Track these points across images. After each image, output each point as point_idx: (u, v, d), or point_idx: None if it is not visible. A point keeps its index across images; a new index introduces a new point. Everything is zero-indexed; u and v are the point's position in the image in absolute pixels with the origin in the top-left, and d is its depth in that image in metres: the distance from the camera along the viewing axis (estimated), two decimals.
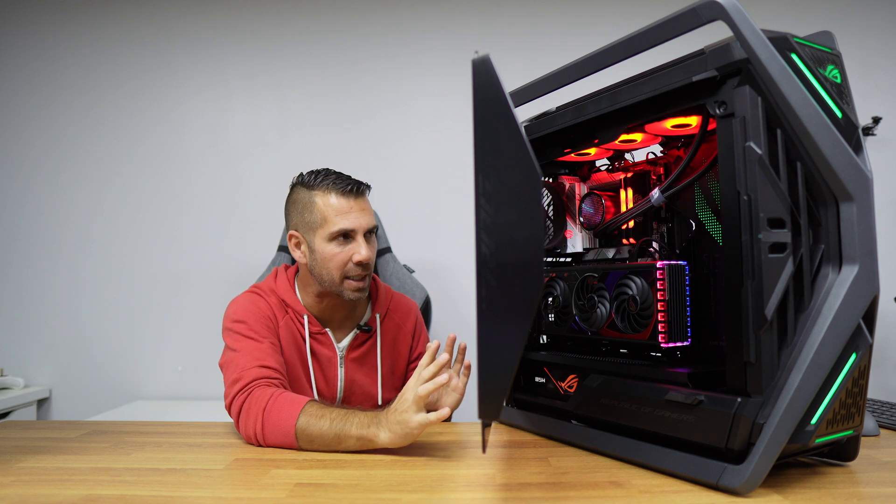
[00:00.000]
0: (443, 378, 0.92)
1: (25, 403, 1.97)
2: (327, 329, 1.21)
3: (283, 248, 1.64)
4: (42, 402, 2.08)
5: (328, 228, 1.12)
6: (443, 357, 0.94)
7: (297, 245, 1.19)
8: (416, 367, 1.25)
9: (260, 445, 0.97)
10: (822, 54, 0.73)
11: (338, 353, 1.21)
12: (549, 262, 1.11)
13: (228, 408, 1.02)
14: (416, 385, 0.93)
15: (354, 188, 1.14)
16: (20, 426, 1.15)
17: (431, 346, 0.98)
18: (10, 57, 2.17)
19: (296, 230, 1.18)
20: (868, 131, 1.94)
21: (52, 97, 2.16)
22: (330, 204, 1.12)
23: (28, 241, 2.14)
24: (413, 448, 0.94)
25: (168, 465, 0.86)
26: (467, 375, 1.10)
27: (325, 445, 0.92)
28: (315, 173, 1.17)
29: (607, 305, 0.93)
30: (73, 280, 2.12)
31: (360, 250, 1.12)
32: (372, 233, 1.17)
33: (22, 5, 2.18)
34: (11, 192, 2.15)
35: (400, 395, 0.94)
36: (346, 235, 1.13)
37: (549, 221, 1.13)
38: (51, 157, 2.15)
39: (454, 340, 1.06)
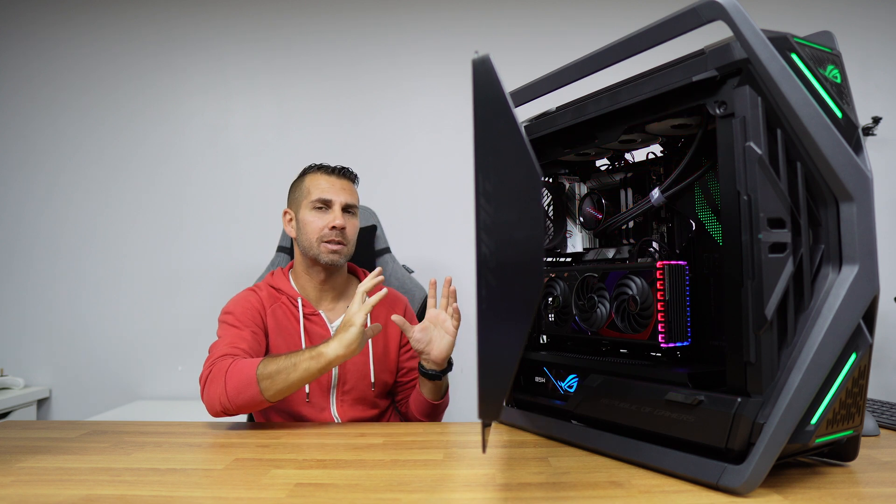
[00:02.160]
0: (379, 278, 1.11)
1: (25, 403, 1.98)
2: (320, 311, 1.31)
3: (282, 249, 1.65)
4: (42, 402, 2.08)
5: (310, 198, 1.30)
6: (376, 270, 1.13)
7: (289, 220, 1.36)
8: (406, 350, 1.37)
9: (225, 411, 1.05)
10: (822, 54, 0.73)
11: (331, 332, 1.30)
12: (549, 262, 1.11)
13: (199, 382, 1.11)
14: (357, 296, 1.08)
15: (337, 170, 1.33)
16: (20, 426, 1.15)
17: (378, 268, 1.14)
18: (11, 57, 2.18)
19: (289, 207, 1.37)
20: (868, 131, 1.94)
21: (52, 97, 2.17)
22: (314, 180, 1.31)
23: (28, 241, 2.14)
24: (413, 448, 0.94)
25: (168, 465, 0.86)
26: (457, 319, 1.18)
27: (284, 377, 1.03)
28: (311, 164, 1.36)
29: (607, 305, 0.93)
30: (74, 280, 2.12)
31: (336, 217, 1.28)
32: (350, 210, 1.32)
33: (22, 5, 2.18)
34: (12, 192, 2.15)
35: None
36: (324, 205, 1.29)
37: (549, 221, 1.13)
38: (51, 157, 2.16)
39: (444, 283, 1.18)
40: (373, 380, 1.30)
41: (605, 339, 0.95)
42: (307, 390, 1.24)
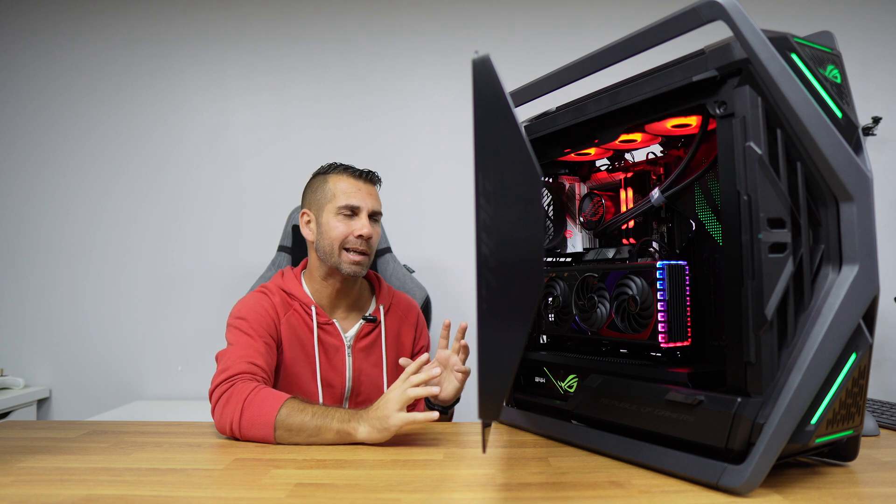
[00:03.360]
0: (434, 390, 0.98)
1: (25, 403, 1.97)
2: (334, 320, 1.26)
3: (282, 249, 1.65)
4: (42, 402, 2.08)
5: (336, 203, 1.22)
6: (435, 370, 0.99)
7: (308, 223, 1.28)
8: (418, 359, 1.31)
9: (234, 438, 1.00)
10: (822, 54, 0.73)
11: (345, 342, 1.26)
12: (549, 262, 1.11)
13: (211, 394, 1.05)
14: (402, 386, 0.97)
15: (365, 174, 1.27)
16: (20, 426, 1.15)
17: (422, 358, 1.03)
18: (11, 58, 2.17)
19: (308, 209, 1.29)
20: (868, 131, 1.93)
21: (52, 98, 2.16)
22: (340, 183, 1.24)
23: (29, 241, 2.14)
24: (413, 448, 0.94)
25: (168, 465, 0.86)
26: (465, 354, 1.13)
27: (304, 437, 0.96)
28: (332, 163, 1.30)
29: (607, 305, 0.93)
30: (74, 280, 2.12)
31: (363, 226, 1.21)
32: (375, 217, 1.27)
33: (23, 6, 2.18)
34: (13, 193, 2.15)
35: (385, 393, 0.98)
36: (352, 211, 1.22)
37: (549, 221, 1.13)
38: (52, 157, 2.15)
39: (458, 328, 1.12)
40: (385, 389, 1.24)
41: (605, 339, 0.95)
42: (320, 402, 1.21)
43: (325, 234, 1.23)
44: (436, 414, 0.95)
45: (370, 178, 1.27)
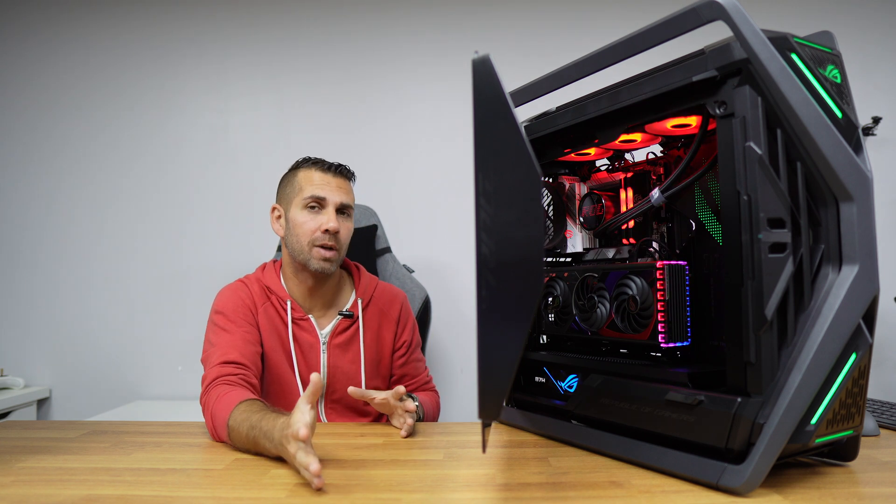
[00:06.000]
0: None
1: (25, 403, 1.97)
2: (310, 315, 1.24)
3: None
4: (42, 402, 2.08)
5: (302, 196, 1.20)
6: (312, 391, 0.81)
7: (278, 218, 1.26)
8: (400, 354, 1.30)
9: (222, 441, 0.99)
10: (822, 54, 0.73)
11: (320, 339, 1.23)
12: (549, 262, 1.11)
13: (200, 402, 1.06)
14: (303, 413, 0.78)
15: (335, 166, 1.23)
16: (20, 426, 1.15)
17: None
18: (12, 61, 2.18)
19: (279, 203, 1.27)
20: (868, 131, 1.93)
21: (55, 99, 2.17)
22: (308, 177, 1.22)
23: (30, 242, 2.14)
24: (413, 448, 0.94)
25: (168, 465, 0.86)
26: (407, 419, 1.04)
27: (242, 446, 0.91)
28: (305, 158, 1.27)
29: (607, 305, 0.93)
30: (74, 281, 2.12)
31: (329, 220, 1.18)
32: (345, 211, 1.23)
33: (24, 8, 2.18)
34: (15, 194, 2.15)
35: (293, 412, 0.80)
36: (318, 203, 1.20)
37: (549, 221, 1.13)
38: (54, 159, 2.16)
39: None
40: (363, 387, 1.22)
41: (605, 339, 0.95)
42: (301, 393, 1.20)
43: (293, 229, 1.20)
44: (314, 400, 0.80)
45: (340, 171, 1.23)
